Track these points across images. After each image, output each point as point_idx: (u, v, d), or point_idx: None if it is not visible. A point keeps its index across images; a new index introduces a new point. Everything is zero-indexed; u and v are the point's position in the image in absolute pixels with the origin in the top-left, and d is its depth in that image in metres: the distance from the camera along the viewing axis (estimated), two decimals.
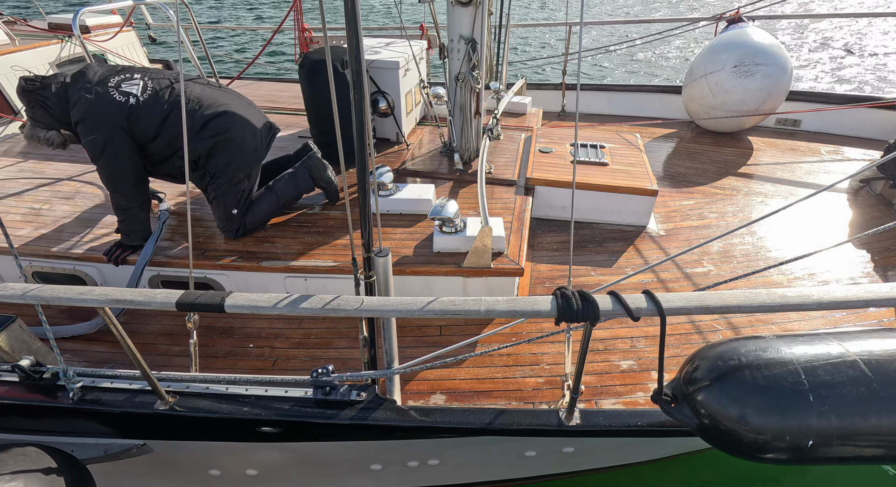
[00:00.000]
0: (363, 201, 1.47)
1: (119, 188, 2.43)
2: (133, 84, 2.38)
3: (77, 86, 2.31)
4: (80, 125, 2.30)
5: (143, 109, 2.35)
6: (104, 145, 2.31)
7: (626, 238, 3.18)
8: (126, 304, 1.45)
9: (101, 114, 2.29)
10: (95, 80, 2.34)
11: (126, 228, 2.52)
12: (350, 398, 1.82)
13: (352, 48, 1.22)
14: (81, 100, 2.28)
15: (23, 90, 2.30)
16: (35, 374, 1.92)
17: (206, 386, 1.91)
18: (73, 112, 2.30)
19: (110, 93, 2.32)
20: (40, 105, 2.31)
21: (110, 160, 2.35)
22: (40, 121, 2.36)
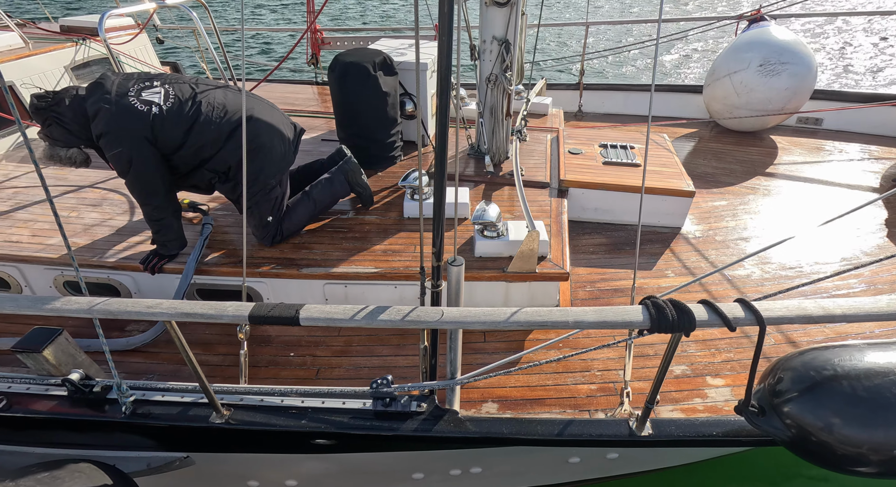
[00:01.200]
0: (439, 208, 1.42)
1: (150, 200, 2.34)
2: (154, 92, 2.26)
3: (95, 97, 2.18)
4: (103, 139, 2.18)
5: (168, 118, 2.23)
6: (130, 158, 2.20)
7: (661, 240, 3.15)
8: (197, 318, 1.41)
9: (124, 125, 2.17)
10: (114, 90, 2.20)
11: (161, 238, 2.46)
12: (411, 409, 1.78)
13: (442, 53, 1.18)
14: (102, 112, 2.15)
15: (36, 108, 2.16)
16: (85, 388, 1.87)
17: (261, 398, 1.87)
18: (94, 125, 2.18)
19: (131, 103, 2.19)
20: (56, 122, 2.17)
21: (139, 173, 2.24)
22: (59, 140, 2.23)
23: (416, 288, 2.57)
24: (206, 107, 2.31)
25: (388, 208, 3.03)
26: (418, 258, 2.58)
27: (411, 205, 2.87)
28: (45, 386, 1.93)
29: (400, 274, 2.49)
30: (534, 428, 1.69)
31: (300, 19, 15.33)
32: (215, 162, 2.37)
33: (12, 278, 2.67)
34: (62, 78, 4.24)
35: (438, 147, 1.32)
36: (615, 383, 2.18)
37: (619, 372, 2.23)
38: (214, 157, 2.35)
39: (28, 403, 1.88)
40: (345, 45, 6.32)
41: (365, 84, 3.04)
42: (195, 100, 2.30)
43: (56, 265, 2.56)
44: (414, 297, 2.60)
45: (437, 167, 1.35)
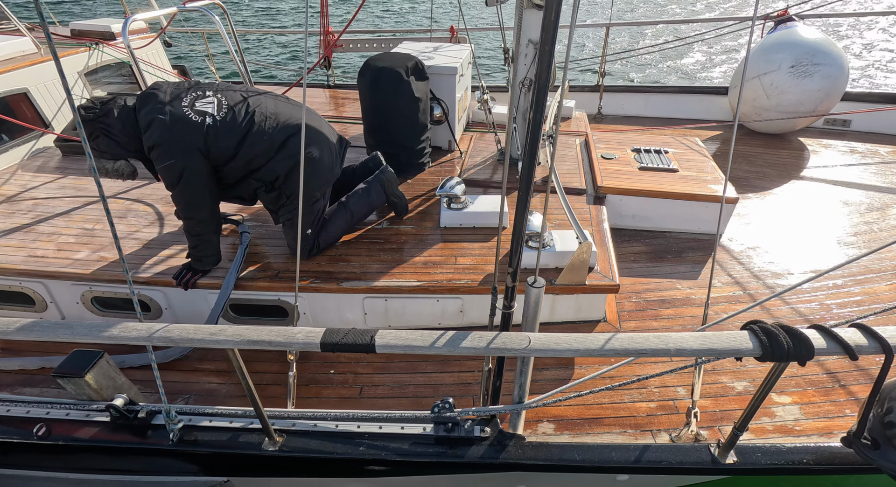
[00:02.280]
0: (520, 224, 1.33)
1: (195, 214, 2.26)
2: (207, 102, 2.20)
3: (148, 108, 2.11)
4: (155, 150, 2.11)
5: (221, 129, 2.17)
6: (182, 171, 2.13)
7: (703, 247, 3.07)
8: (264, 345, 1.32)
9: (177, 137, 2.11)
10: (168, 100, 2.15)
11: (198, 253, 2.37)
12: (474, 434, 1.70)
13: (542, 63, 1.09)
14: (155, 124, 2.09)
15: (84, 120, 2.08)
16: (129, 413, 1.78)
17: (314, 423, 1.78)
18: (147, 137, 2.11)
19: (185, 114, 2.13)
20: (104, 134, 2.11)
21: (189, 185, 2.17)
22: (106, 152, 2.17)
23: (458, 301, 2.49)
24: (258, 118, 2.25)
25: (422, 217, 2.94)
26: (460, 270, 2.49)
27: (449, 215, 2.78)
28: (86, 412, 1.84)
29: (443, 287, 2.40)
30: (608, 455, 1.61)
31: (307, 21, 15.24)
32: (264, 172, 2.31)
33: (37, 294, 2.58)
34: (76, 83, 4.15)
35: (526, 162, 1.23)
36: (675, 400, 2.09)
37: (678, 389, 2.14)
38: (264, 167, 2.29)
39: (69, 430, 1.79)
40: (356, 47, 6.23)
41: (397, 89, 2.95)
42: (248, 110, 2.25)
43: (86, 281, 2.47)
44: (455, 311, 2.52)
45: (522, 182, 1.26)
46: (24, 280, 2.52)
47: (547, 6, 1.02)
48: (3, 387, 2.32)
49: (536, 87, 1.12)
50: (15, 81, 3.64)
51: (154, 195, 3.15)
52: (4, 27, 4.57)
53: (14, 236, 2.70)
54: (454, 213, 2.78)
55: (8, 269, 2.47)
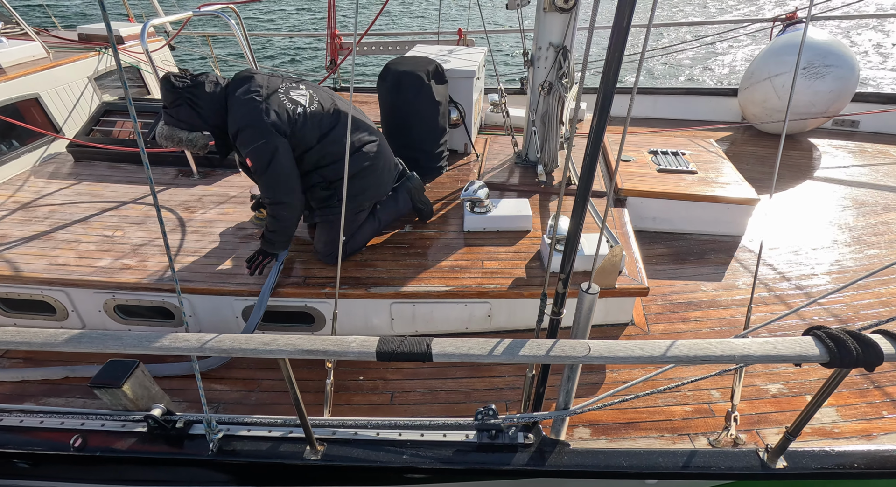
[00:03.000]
0: (576, 230, 1.32)
1: (285, 198, 2.27)
2: (301, 94, 2.27)
3: (244, 88, 2.16)
4: (247, 131, 2.12)
5: (308, 121, 2.24)
6: (273, 151, 2.14)
7: (724, 249, 3.07)
8: (318, 355, 1.31)
9: (271, 119, 2.14)
10: (266, 84, 2.22)
11: (276, 237, 2.38)
12: (518, 441, 1.69)
13: (610, 68, 1.08)
14: (250, 104, 2.12)
15: (172, 87, 2.12)
16: (167, 424, 1.76)
17: (354, 431, 1.77)
18: (236, 118, 2.14)
19: (280, 99, 2.20)
20: (188, 104, 2.14)
21: (280, 167, 2.18)
22: (184, 121, 2.18)
23: (486, 306, 2.48)
24: (342, 119, 2.34)
25: (444, 221, 2.93)
26: (488, 275, 2.48)
27: (473, 219, 2.77)
28: (122, 423, 1.81)
29: (472, 291, 2.39)
30: (656, 461, 1.60)
31: (314, 25, 15.22)
32: (331, 170, 2.35)
33: (59, 303, 2.54)
34: (85, 88, 4.11)
35: (585, 168, 1.22)
36: (710, 404, 2.09)
37: (712, 392, 2.14)
38: (332, 165, 2.34)
39: (106, 441, 1.77)
40: (364, 50, 6.22)
41: (419, 93, 2.94)
42: (335, 109, 2.34)
43: (110, 289, 2.44)
44: (483, 316, 2.51)
45: (580, 189, 1.26)
46: (46, 288, 2.49)
47: (619, 11, 1.02)
48: (27, 398, 2.29)
49: (602, 94, 1.12)
50: (26, 86, 3.60)
51: (173, 200, 3.12)
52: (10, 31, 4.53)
53: (33, 244, 2.67)
54: (478, 217, 2.77)
55: (30, 278, 2.44)
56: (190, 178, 3.39)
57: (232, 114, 2.15)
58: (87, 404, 2.27)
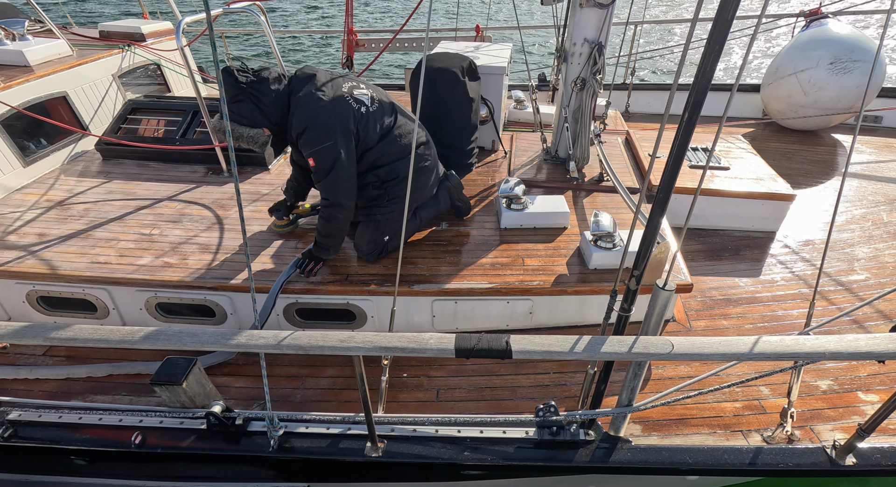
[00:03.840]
0: (652, 230, 1.32)
1: (344, 200, 2.25)
2: (363, 93, 2.25)
3: (308, 88, 2.13)
4: (312, 131, 2.09)
5: (371, 121, 2.23)
6: (339, 153, 2.11)
7: (758, 245, 3.07)
8: (397, 352, 1.31)
9: (339, 119, 2.12)
10: (329, 83, 2.18)
11: (329, 242, 2.36)
12: (580, 438, 1.69)
13: (706, 64, 1.07)
14: (315, 104, 2.10)
15: (235, 82, 2.07)
16: (227, 420, 1.77)
17: (413, 428, 1.77)
18: (303, 117, 2.09)
19: (346, 99, 2.17)
20: (251, 100, 2.10)
21: (344, 169, 2.16)
22: (245, 117, 2.12)
23: (528, 303, 2.48)
24: (400, 120, 2.33)
25: (479, 218, 2.93)
26: (529, 272, 2.48)
27: (510, 216, 2.76)
28: (181, 419, 1.82)
29: (515, 288, 2.39)
30: (721, 457, 1.60)
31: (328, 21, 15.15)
32: (387, 170, 2.34)
33: (100, 301, 2.55)
34: (110, 86, 4.11)
35: (669, 167, 1.22)
36: (759, 399, 2.09)
37: (761, 388, 2.14)
38: (388, 166, 2.33)
39: (166, 438, 1.77)
40: (380, 47, 6.20)
41: (453, 90, 2.93)
42: (394, 110, 2.33)
43: (152, 287, 2.44)
44: (525, 313, 2.51)
45: (661, 188, 1.25)
46: (88, 286, 2.50)
47: (722, 5, 1.01)
48: (74, 395, 2.30)
49: (694, 95, 1.11)
50: (54, 85, 3.60)
51: (205, 198, 3.12)
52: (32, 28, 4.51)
53: (72, 242, 2.67)
54: (515, 214, 2.77)
55: (73, 276, 2.44)
56: (220, 176, 3.39)
57: (297, 113, 2.11)
58: (134, 401, 2.28)
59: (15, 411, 1.85)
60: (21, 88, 3.32)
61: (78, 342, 1.37)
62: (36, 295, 2.55)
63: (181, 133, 3.53)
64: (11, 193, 3.16)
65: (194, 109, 3.64)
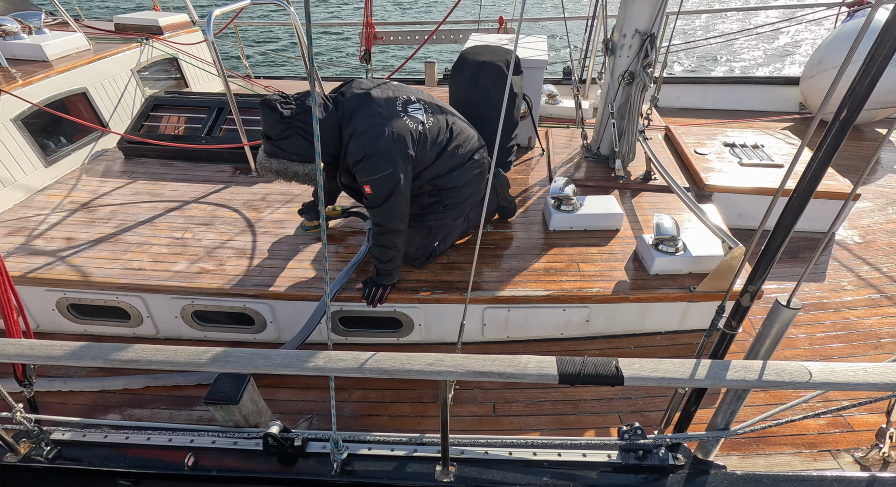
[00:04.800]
0: (782, 235, 1.18)
1: (399, 225, 2.09)
2: (416, 108, 2.06)
3: (365, 113, 1.93)
4: (371, 159, 1.89)
5: (429, 138, 2.07)
6: (398, 181, 1.95)
7: (815, 246, 2.93)
8: (493, 377, 1.18)
9: (399, 145, 1.94)
10: (384, 104, 1.98)
11: (389, 267, 2.18)
12: (668, 462, 1.57)
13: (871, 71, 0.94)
14: (376, 132, 1.90)
15: (281, 118, 1.86)
16: (285, 441, 1.65)
17: (485, 450, 1.65)
18: (361, 145, 1.90)
19: (404, 120, 1.99)
20: (300, 134, 1.89)
21: (401, 195, 2.00)
22: (296, 153, 1.91)
23: (585, 311, 2.34)
24: (456, 129, 2.19)
25: (524, 220, 2.80)
26: (586, 278, 2.35)
27: (560, 217, 2.63)
28: (234, 440, 1.70)
29: (573, 296, 2.27)
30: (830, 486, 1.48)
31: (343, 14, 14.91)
32: (444, 180, 2.21)
33: (133, 309, 2.43)
34: (129, 81, 3.97)
35: (817, 167, 1.08)
36: (845, 416, 1.96)
37: (843, 402, 2.01)
38: (445, 176, 2.20)
39: (220, 459, 1.66)
40: (398, 40, 6.04)
41: (497, 85, 2.78)
42: (447, 121, 2.17)
43: (190, 294, 2.32)
44: (581, 321, 2.38)
45: (800, 192, 1.12)
46: (122, 294, 2.38)
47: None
48: (110, 409, 2.19)
49: (849, 103, 0.97)
50: (74, 81, 3.46)
51: (236, 199, 2.99)
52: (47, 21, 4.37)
53: (102, 247, 2.55)
54: (566, 216, 2.63)
55: (107, 283, 2.32)
56: (248, 176, 3.26)
57: (356, 141, 1.91)
58: (174, 415, 2.17)
59: (58, 430, 1.73)
60: (41, 85, 3.18)
61: (141, 364, 1.25)
62: (66, 303, 2.43)
63: (206, 131, 3.40)
64: (34, 195, 3.04)
65: (219, 106, 3.50)
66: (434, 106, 2.18)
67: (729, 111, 5.12)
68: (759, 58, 10.94)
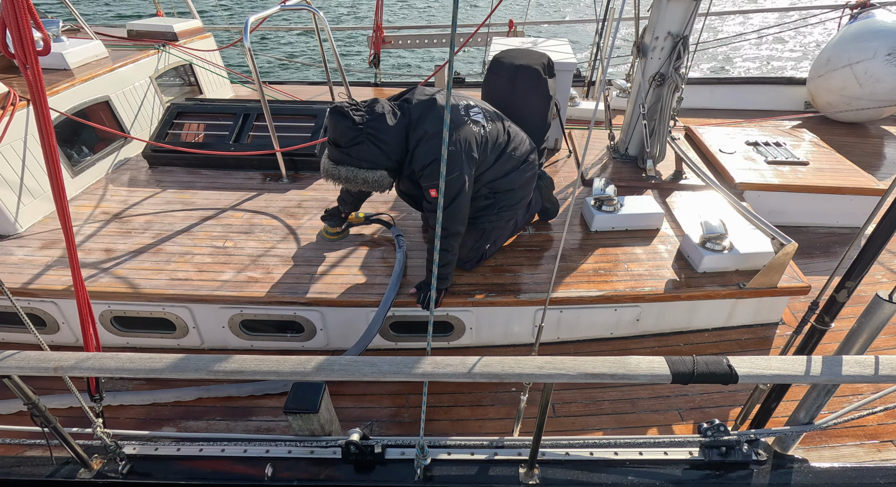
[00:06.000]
0: (888, 232, 1.21)
1: (462, 228, 2.09)
2: (477, 112, 2.08)
3: (432, 117, 1.94)
4: (437, 164, 1.90)
5: (489, 140, 2.08)
6: (463, 184, 1.97)
7: (845, 241, 3.00)
8: (605, 378, 1.19)
9: (465, 147, 1.96)
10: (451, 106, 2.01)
11: (446, 271, 2.18)
12: (752, 458, 1.59)
13: None
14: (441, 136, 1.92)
15: (353, 124, 1.86)
16: (366, 449, 1.64)
17: (565, 451, 1.65)
18: (431, 150, 1.91)
19: (468, 125, 2.01)
20: (371, 140, 1.89)
21: (465, 198, 2.01)
22: (365, 160, 1.92)
23: (635, 310, 2.37)
24: (513, 133, 2.21)
25: (562, 221, 2.81)
26: (636, 277, 2.38)
27: (602, 218, 2.66)
28: (310, 449, 1.68)
29: (626, 295, 2.29)
30: None
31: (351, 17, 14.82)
32: (501, 182, 2.21)
33: (179, 320, 2.39)
34: (148, 89, 3.92)
35: None
36: None
37: None
38: (502, 179, 2.20)
39: (299, 469, 1.64)
40: (406, 44, 6.05)
41: (535, 88, 2.81)
42: (504, 125, 2.19)
43: (240, 303, 2.29)
44: (632, 320, 2.40)
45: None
46: (168, 305, 2.34)
47: None
48: (164, 422, 2.15)
49: None
50: (97, 89, 3.40)
51: (271, 207, 2.96)
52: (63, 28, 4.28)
53: (143, 258, 2.50)
54: (607, 216, 2.66)
55: (154, 295, 2.28)
56: (279, 182, 3.24)
57: (424, 145, 1.93)
58: (230, 426, 2.14)
59: (129, 444, 1.70)
60: (66, 94, 3.13)
61: (245, 375, 1.23)
62: (110, 316, 2.39)
63: (234, 137, 3.36)
64: None
65: (245, 112, 3.47)
66: (490, 110, 2.20)
67: (736, 110, 5.22)
68: (762, 59, 11.17)
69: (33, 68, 1.23)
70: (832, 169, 3.14)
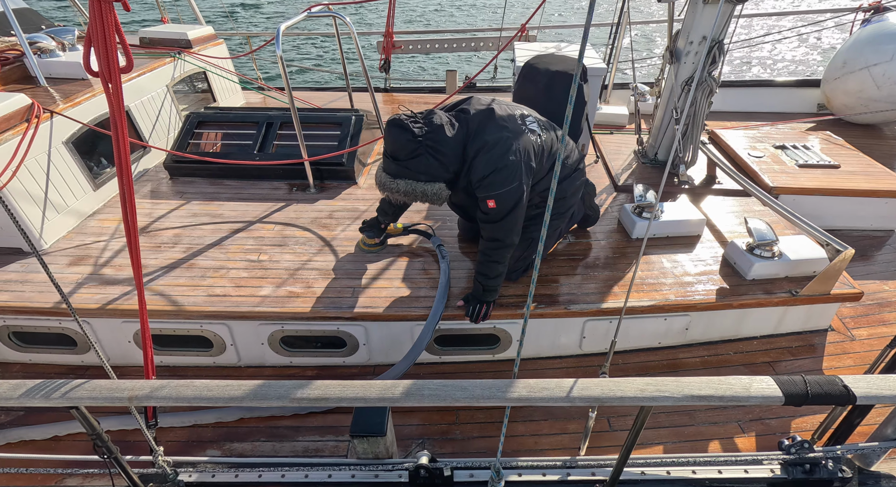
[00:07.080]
0: None
1: (515, 240, 2.04)
2: (532, 122, 2.04)
3: (491, 127, 1.90)
4: (499, 174, 1.85)
5: (544, 149, 2.04)
6: (522, 194, 1.91)
7: (880, 244, 2.98)
8: (714, 401, 1.14)
9: (524, 158, 1.91)
10: (508, 117, 1.97)
11: (495, 283, 2.12)
12: (837, 475, 1.54)
13: None
14: (505, 146, 1.86)
15: (413, 137, 1.81)
16: (435, 471, 1.57)
17: (641, 470, 1.60)
18: (491, 160, 1.86)
19: (527, 134, 1.97)
20: (430, 152, 1.85)
21: (521, 209, 1.96)
22: (424, 173, 1.88)
23: (685, 319, 2.33)
24: (564, 142, 2.15)
25: (600, 228, 2.78)
26: (684, 286, 2.33)
27: (643, 225, 2.62)
28: (374, 473, 1.62)
29: (677, 304, 2.25)
30: None
31: None
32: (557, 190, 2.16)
33: (217, 337, 2.32)
34: (165, 98, 3.84)
35: None
36: None
37: None
38: (558, 186, 2.15)
39: None
40: (417, 49, 6.01)
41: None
42: (556, 132, 2.15)
43: (283, 319, 2.22)
44: (681, 329, 2.36)
45: None
46: (206, 322, 2.26)
47: None
48: (207, 445, 2.07)
49: None
50: None
51: (302, 218, 2.89)
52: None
53: (177, 274, 2.43)
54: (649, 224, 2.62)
55: (193, 312, 2.20)
56: (306, 192, 3.17)
57: (484, 157, 1.88)
58: (277, 448, 2.06)
59: (184, 471, 1.62)
60: (88, 105, 3.04)
61: (330, 402, 1.17)
62: None
63: (258, 147, 3.29)
64: (86, 220, 2.89)
65: (268, 121, 3.40)
66: (543, 119, 2.17)
67: (749, 113, 5.22)
68: (776, 61, 11.25)
69: (116, 86, 1.16)
70: (864, 172, 3.13)
